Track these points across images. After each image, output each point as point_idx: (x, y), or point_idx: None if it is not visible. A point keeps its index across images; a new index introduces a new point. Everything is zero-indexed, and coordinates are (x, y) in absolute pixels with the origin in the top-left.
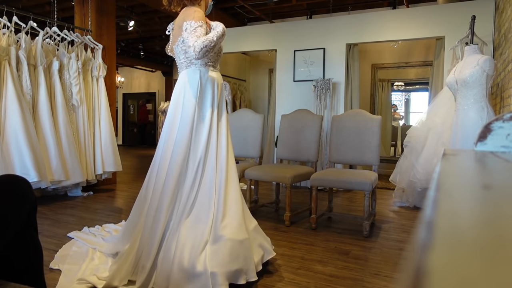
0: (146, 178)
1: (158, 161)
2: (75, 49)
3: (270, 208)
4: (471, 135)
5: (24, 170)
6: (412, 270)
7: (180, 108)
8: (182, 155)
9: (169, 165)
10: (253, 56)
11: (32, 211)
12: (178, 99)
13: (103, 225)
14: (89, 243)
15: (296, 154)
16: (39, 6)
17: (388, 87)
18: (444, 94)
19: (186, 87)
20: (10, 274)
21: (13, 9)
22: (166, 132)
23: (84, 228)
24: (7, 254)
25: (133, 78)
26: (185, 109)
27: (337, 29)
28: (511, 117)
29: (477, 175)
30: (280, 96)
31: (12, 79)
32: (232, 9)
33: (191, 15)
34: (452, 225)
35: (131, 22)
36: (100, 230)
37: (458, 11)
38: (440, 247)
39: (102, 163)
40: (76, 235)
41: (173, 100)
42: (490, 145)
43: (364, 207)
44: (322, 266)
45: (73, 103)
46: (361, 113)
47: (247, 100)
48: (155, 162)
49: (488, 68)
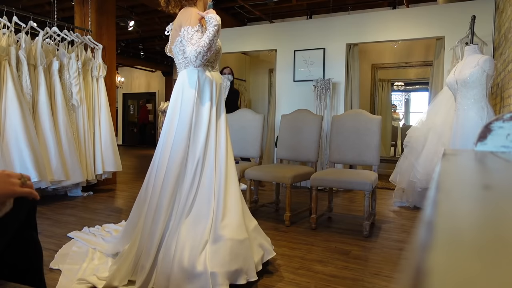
0: (146, 178)
1: (157, 161)
2: (75, 49)
3: (270, 208)
4: (471, 135)
5: (24, 170)
6: (412, 270)
7: (178, 108)
8: (180, 155)
9: (168, 165)
10: (253, 56)
11: (32, 211)
12: (176, 99)
13: (103, 225)
14: (89, 243)
15: (296, 154)
16: (39, 6)
17: (388, 87)
18: (444, 94)
19: (185, 87)
20: (10, 274)
21: (13, 9)
22: (165, 132)
23: (84, 228)
24: (7, 254)
25: (133, 78)
26: (183, 109)
27: (337, 29)
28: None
29: (477, 175)
30: (280, 96)
31: (12, 79)
32: (232, 9)
33: (187, 19)
34: (452, 225)
35: (131, 22)
36: (100, 230)
37: (458, 11)
38: (440, 247)
39: (102, 163)
40: (76, 235)
41: (172, 100)
42: (490, 145)
43: (364, 207)
44: (322, 266)
45: (73, 103)
46: (361, 113)
47: (247, 100)
48: (154, 162)
49: (488, 68)
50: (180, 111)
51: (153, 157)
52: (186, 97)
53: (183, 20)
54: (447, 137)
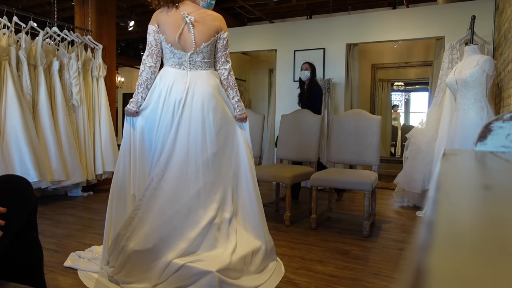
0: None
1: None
2: (75, 49)
3: (270, 208)
4: (471, 135)
5: (24, 170)
6: (412, 270)
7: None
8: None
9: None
10: (253, 56)
11: (32, 211)
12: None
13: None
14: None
15: (296, 154)
16: (39, 6)
17: (388, 87)
18: (444, 94)
19: (220, 88)
20: (11, 274)
21: (13, 9)
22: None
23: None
24: (7, 254)
25: (133, 78)
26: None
27: (337, 29)
28: (511, 117)
29: (477, 175)
30: (280, 96)
31: (12, 79)
32: (232, 9)
33: (225, 25)
34: (452, 225)
35: (131, 22)
36: (94, 254)
37: (458, 11)
38: (440, 247)
39: (102, 163)
40: (75, 265)
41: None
42: (490, 145)
43: (364, 207)
44: (322, 266)
45: (73, 103)
46: (361, 113)
47: (247, 100)
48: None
49: (488, 68)
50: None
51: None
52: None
53: (222, 23)
54: (447, 137)
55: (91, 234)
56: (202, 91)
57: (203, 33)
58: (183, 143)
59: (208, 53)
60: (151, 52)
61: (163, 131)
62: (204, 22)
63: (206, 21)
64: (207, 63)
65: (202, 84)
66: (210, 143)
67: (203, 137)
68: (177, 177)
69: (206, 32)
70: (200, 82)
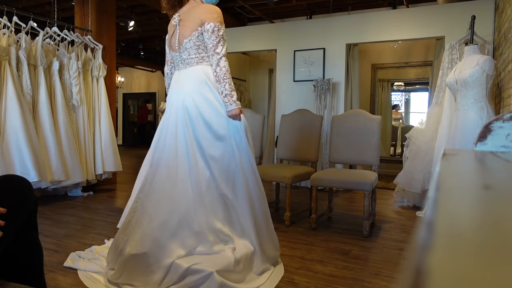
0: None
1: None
2: (75, 49)
3: (270, 208)
4: (471, 135)
5: (24, 170)
6: (412, 270)
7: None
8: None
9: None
10: (253, 56)
11: (33, 211)
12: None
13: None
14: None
15: (296, 154)
16: (39, 6)
17: (388, 87)
18: (444, 94)
19: (208, 83)
20: (11, 274)
21: (13, 9)
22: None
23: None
24: (7, 254)
25: (133, 78)
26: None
27: (337, 29)
28: (511, 117)
29: (477, 175)
30: (280, 96)
31: (12, 79)
32: (232, 9)
33: (212, 15)
34: (452, 225)
35: (131, 22)
36: (94, 254)
37: (458, 11)
38: (440, 247)
39: (102, 163)
40: (75, 265)
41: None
42: (490, 145)
43: (364, 207)
44: (322, 266)
45: (73, 103)
46: (361, 113)
47: (247, 100)
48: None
49: (488, 68)
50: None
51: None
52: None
53: (206, 14)
54: (447, 137)
55: (91, 234)
56: (184, 92)
57: (186, 28)
58: (171, 144)
59: (194, 49)
60: (166, 60)
61: (159, 133)
62: (189, 18)
63: (190, 16)
64: (194, 59)
65: (188, 82)
66: (196, 143)
67: (190, 138)
68: (166, 178)
69: (188, 27)
70: (186, 80)
